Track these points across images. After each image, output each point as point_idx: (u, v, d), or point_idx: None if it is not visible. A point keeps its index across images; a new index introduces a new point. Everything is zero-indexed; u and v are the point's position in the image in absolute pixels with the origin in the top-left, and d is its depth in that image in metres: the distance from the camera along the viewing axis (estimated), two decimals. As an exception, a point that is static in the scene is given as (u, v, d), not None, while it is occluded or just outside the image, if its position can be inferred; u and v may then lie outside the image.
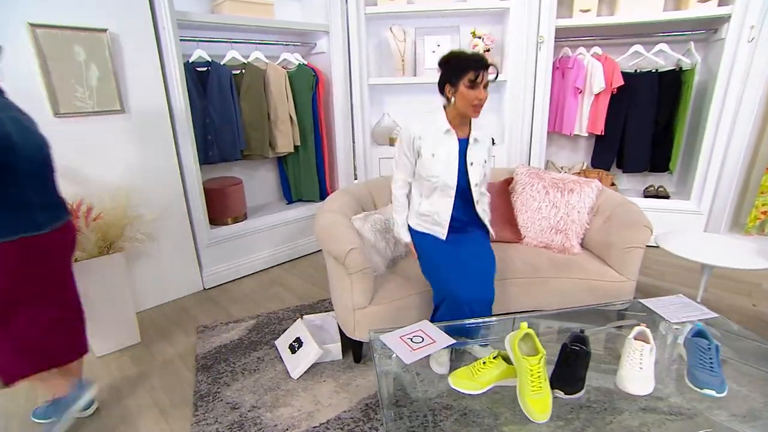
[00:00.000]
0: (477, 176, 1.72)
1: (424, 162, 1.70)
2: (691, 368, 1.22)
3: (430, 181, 1.71)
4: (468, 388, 1.19)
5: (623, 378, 1.19)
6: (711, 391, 1.15)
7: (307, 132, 3.35)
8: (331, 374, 1.98)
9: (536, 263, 2.11)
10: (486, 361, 1.20)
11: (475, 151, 1.73)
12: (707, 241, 2.34)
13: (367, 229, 2.05)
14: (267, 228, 3.19)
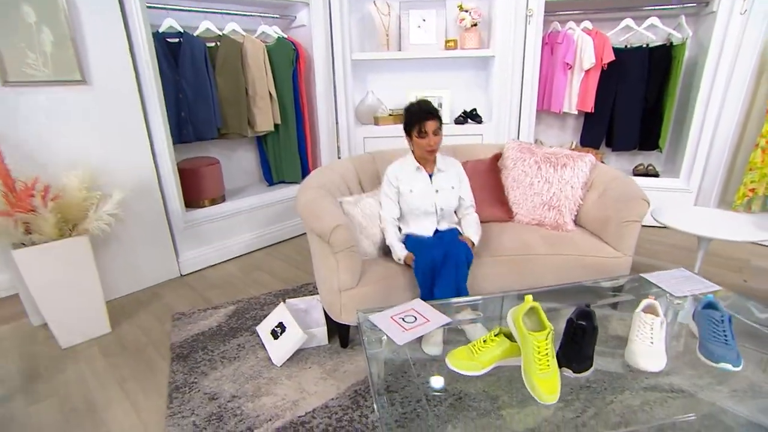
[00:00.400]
0: (443, 201, 1.97)
1: (405, 198, 1.95)
2: (703, 341, 1.15)
3: (414, 213, 1.97)
4: (468, 369, 1.09)
5: (634, 353, 1.11)
6: (727, 365, 1.07)
7: (288, 110, 3.18)
8: (317, 360, 1.87)
9: (529, 241, 2.03)
10: (486, 339, 1.10)
11: (440, 179, 1.98)
12: (701, 215, 2.29)
13: (358, 213, 1.93)
14: (247, 210, 3.04)
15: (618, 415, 1.23)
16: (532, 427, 1.20)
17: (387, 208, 1.97)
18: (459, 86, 3.54)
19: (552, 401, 0.99)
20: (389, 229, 1.94)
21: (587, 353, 1.10)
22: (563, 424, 1.16)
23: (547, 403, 0.99)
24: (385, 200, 1.99)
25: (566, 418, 1.17)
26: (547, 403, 0.99)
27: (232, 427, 1.54)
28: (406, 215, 1.99)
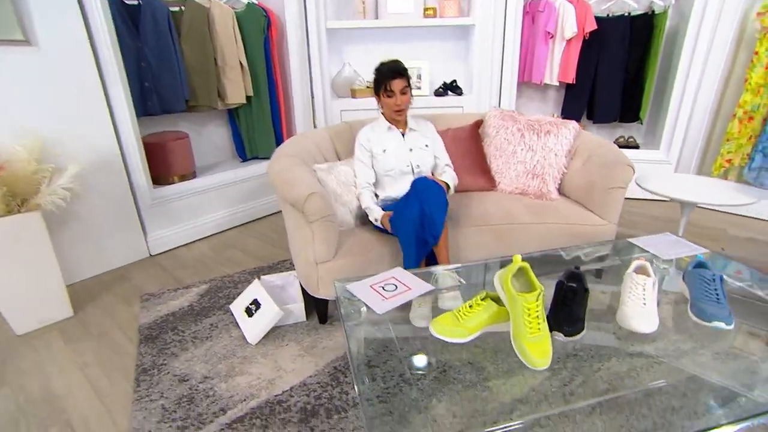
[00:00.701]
0: (418, 159, 1.93)
1: (379, 159, 1.90)
2: (695, 301, 1.10)
3: (390, 175, 1.90)
4: (453, 336, 1.02)
5: (627, 315, 1.06)
6: (720, 323, 1.03)
7: (260, 81, 3.02)
8: (294, 337, 1.78)
9: (512, 210, 1.96)
10: (472, 304, 1.03)
11: (413, 138, 1.95)
12: (684, 181, 2.27)
13: (331, 180, 1.82)
14: (219, 187, 2.90)
15: (605, 382, 1.19)
16: (520, 397, 1.14)
17: (361, 174, 1.92)
18: (438, 57, 3.43)
19: (544, 366, 0.93)
20: (365, 194, 1.87)
21: (578, 315, 1.04)
22: (551, 393, 1.11)
23: (538, 368, 0.93)
24: (359, 166, 1.93)
25: (554, 387, 1.12)
26: (539, 368, 0.93)
27: (203, 408, 1.44)
28: (381, 179, 1.93)
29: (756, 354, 1.13)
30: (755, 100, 3.09)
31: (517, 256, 0.97)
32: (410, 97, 1.88)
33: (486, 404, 1.09)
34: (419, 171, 1.92)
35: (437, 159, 2.01)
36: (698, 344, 1.24)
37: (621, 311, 1.08)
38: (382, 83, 1.83)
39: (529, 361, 0.92)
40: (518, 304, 0.91)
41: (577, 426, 1.04)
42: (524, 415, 1.04)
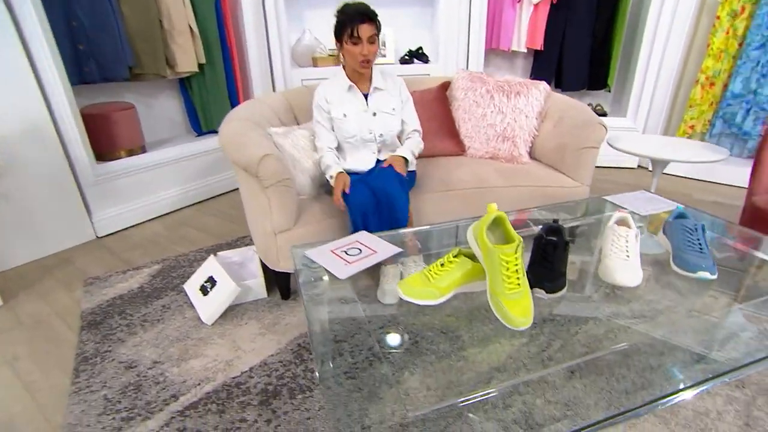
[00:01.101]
0: (382, 126, 1.70)
1: (338, 125, 1.68)
2: (677, 252, 1.04)
3: (350, 143, 1.70)
4: (423, 297, 0.92)
5: (609, 269, 0.98)
6: (705, 273, 0.97)
7: (213, 48, 2.80)
8: (255, 315, 1.65)
9: (483, 174, 1.88)
10: (444, 262, 0.92)
11: (378, 100, 1.70)
12: (654, 142, 2.24)
13: (288, 144, 1.67)
14: (172, 162, 2.68)
15: (584, 345, 1.13)
16: (497, 365, 1.07)
17: (323, 137, 1.69)
18: (404, 24, 3.28)
19: (525, 325, 0.84)
20: (327, 155, 1.65)
21: (559, 271, 0.95)
22: (529, 359, 1.04)
23: (519, 327, 0.84)
24: (319, 129, 1.70)
25: (531, 353, 1.05)
26: (520, 327, 0.84)
27: (153, 396, 1.30)
28: (341, 145, 1.73)
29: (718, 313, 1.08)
30: (717, 66, 3.11)
31: (492, 205, 0.87)
32: (378, 49, 1.63)
33: (461, 374, 1.00)
34: (382, 140, 1.72)
35: (404, 124, 1.79)
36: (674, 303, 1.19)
37: (603, 265, 1.00)
38: (346, 27, 1.54)
39: (508, 321, 0.83)
40: (495, 257, 0.81)
41: (557, 391, 0.97)
42: (502, 382, 0.96)
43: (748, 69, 3.03)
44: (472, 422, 0.88)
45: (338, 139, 1.70)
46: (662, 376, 1.02)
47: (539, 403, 0.95)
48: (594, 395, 0.96)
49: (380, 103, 1.70)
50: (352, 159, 1.72)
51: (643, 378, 1.04)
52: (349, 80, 1.67)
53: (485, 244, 0.83)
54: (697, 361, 1.08)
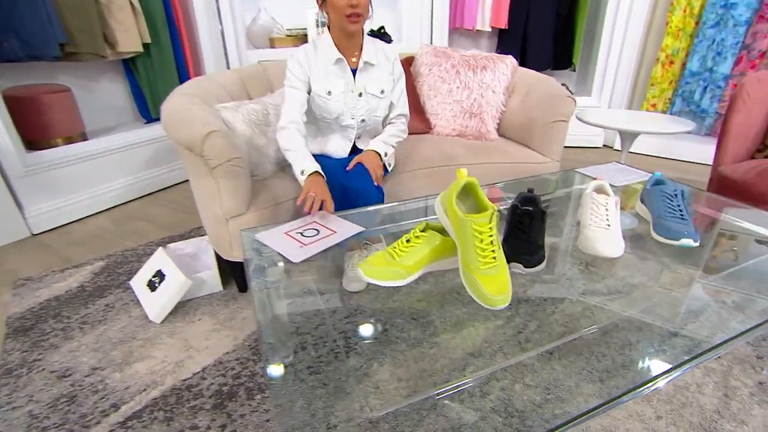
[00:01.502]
0: (366, 111, 1.46)
1: (318, 102, 1.43)
2: (658, 220, 0.98)
3: (326, 122, 1.47)
4: (387, 278, 0.81)
5: (590, 239, 0.90)
6: (687, 240, 0.91)
7: (159, 26, 2.58)
8: (209, 310, 1.51)
9: (451, 151, 1.79)
10: (410, 237, 0.82)
11: (367, 78, 1.44)
12: (621, 115, 2.21)
13: (239, 120, 1.52)
14: (118, 150, 2.46)
15: (561, 324, 1.07)
16: (472, 350, 0.98)
17: (293, 107, 1.38)
18: (365, 2, 3.13)
19: (503, 303, 0.75)
20: (290, 133, 1.36)
21: (537, 243, 0.87)
22: (505, 342, 0.96)
23: (497, 306, 0.75)
24: (292, 93, 1.39)
25: (508, 335, 0.97)
26: (498, 306, 0.75)
27: (89, 408, 1.15)
28: (314, 125, 1.50)
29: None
30: (675, 44, 3.14)
31: (462, 171, 0.77)
32: (369, 3, 1.33)
33: (435, 362, 0.91)
34: (364, 126, 1.48)
35: (392, 107, 1.54)
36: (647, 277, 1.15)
37: (583, 236, 0.93)
38: None
39: (484, 300, 0.74)
40: (467, 229, 0.72)
41: (536, 374, 0.90)
42: (478, 369, 0.87)
43: (704, 47, 3.07)
44: (447, 412, 0.79)
45: (313, 115, 1.47)
46: (641, 352, 0.97)
47: (518, 388, 0.87)
48: (574, 376, 0.89)
49: (369, 83, 1.44)
50: (324, 141, 1.49)
51: (623, 355, 0.98)
52: (338, 50, 1.39)
53: (455, 214, 0.73)
54: (674, 335, 1.04)
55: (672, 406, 1.15)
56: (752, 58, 2.97)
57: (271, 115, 1.63)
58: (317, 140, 1.53)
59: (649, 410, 1.15)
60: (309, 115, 1.47)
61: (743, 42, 2.97)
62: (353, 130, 1.50)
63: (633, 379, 0.84)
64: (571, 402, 0.84)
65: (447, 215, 0.77)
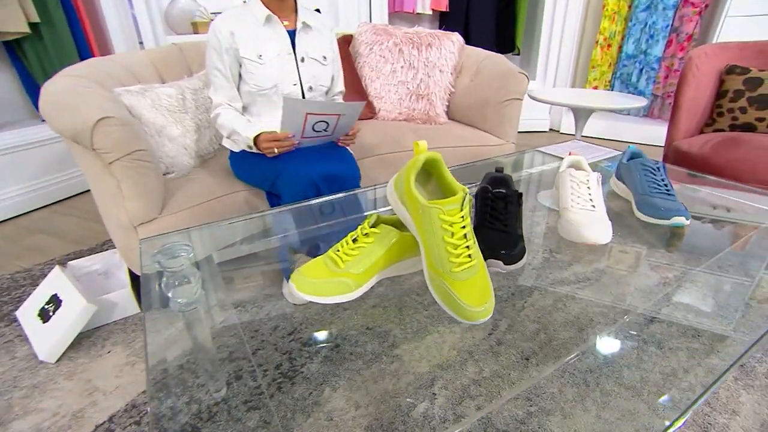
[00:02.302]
0: (312, 77, 1.28)
1: (251, 69, 1.21)
2: (642, 197, 0.86)
3: (265, 95, 1.24)
4: (331, 293, 0.61)
5: (574, 224, 0.76)
6: (679, 219, 0.80)
7: (49, 3, 2.19)
8: (122, 339, 1.24)
9: (399, 137, 1.62)
10: (358, 236, 0.62)
11: (308, 41, 1.27)
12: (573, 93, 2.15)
13: (146, 106, 1.25)
14: (9, 152, 2.07)
15: (534, 321, 0.94)
16: (439, 361, 0.82)
17: (222, 89, 1.23)
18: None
19: (486, 315, 0.58)
20: (227, 113, 1.23)
21: (516, 233, 0.71)
22: (475, 347, 0.81)
23: (478, 320, 0.58)
24: (218, 77, 1.23)
25: (477, 339, 0.82)
26: (479, 320, 0.58)
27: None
28: (251, 105, 1.28)
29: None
30: (612, 27, 3.17)
31: (422, 143, 0.58)
32: None
33: (398, 380, 0.73)
34: (311, 96, 1.31)
35: (334, 82, 1.39)
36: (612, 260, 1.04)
37: (565, 220, 0.78)
38: None
39: (461, 313, 0.56)
40: (433, 220, 0.53)
41: (514, 385, 0.75)
42: (449, 384, 0.70)
43: (638, 30, 3.12)
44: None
45: (248, 92, 1.25)
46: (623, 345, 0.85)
47: (495, 404, 0.72)
48: (556, 381, 0.75)
49: (310, 47, 1.27)
50: (269, 118, 1.26)
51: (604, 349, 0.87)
52: (266, 8, 1.21)
53: (416, 200, 0.54)
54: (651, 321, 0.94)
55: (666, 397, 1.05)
56: (681, 40, 3.05)
57: (188, 101, 1.38)
58: (261, 119, 1.29)
59: (641, 406, 1.05)
60: (247, 96, 1.27)
61: (672, 25, 3.05)
62: None
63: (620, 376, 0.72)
64: (555, 413, 0.70)
65: (404, 203, 0.59)
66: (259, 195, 1.30)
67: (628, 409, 1.08)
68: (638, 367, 0.79)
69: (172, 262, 0.78)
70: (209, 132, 1.43)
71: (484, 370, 0.76)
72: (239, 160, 1.30)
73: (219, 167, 1.38)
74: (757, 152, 1.41)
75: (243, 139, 1.20)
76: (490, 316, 0.59)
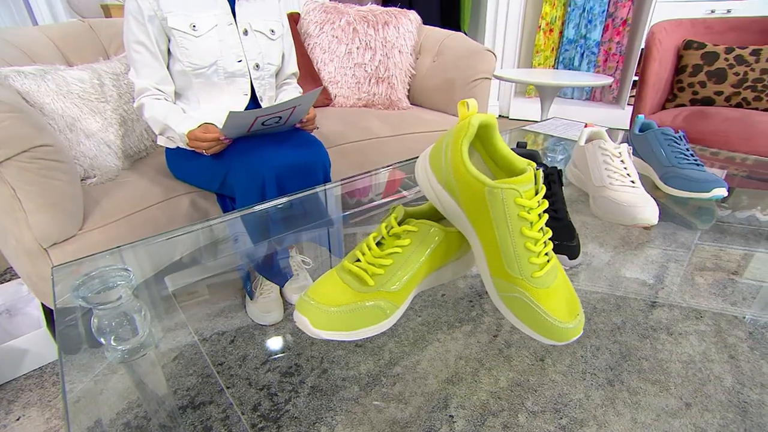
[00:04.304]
0: (258, 53, 1.08)
1: (183, 43, 0.99)
2: (671, 170, 0.75)
3: (203, 75, 1.02)
4: (359, 325, 0.40)
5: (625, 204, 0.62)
6: (720, 191, 0.70)
7: None
8: (38, 397, 0.96)
9: (362, 124, 1.45)
10: (383, 236, 0.43)
11: (250, 11, 1.07)
12: (536, 73, 2.09)
13: (49, 93, 0.97)
14: None
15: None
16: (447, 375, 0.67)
17: (147, 70, 0.99)
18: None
19: (579, 332, 0.43)
20: (156, 104, 0.99)
21: (566, 218, 0.57)
22: (484, 354, 0.67)
23: (571, 338, 0.42)
24: (140, 55, 0.98)
25: (483, 343, 0.68)
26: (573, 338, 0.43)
27: None
28: (185, 89, 1.05)
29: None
30: (553, 12, 3.20)
31: (471, 103, 0.41)
32: None
33: (406, 406, 0.57)
34: (260, 76, 1.10)
35: (285, 60, 1.20)
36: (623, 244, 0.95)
37: (607, 199, 0.65)
38: None
39: (548, 331, 0.39)
40: (507, 206, 0.36)
41: (536, 393, 0.62)
42: (465, 401, 0.56)
43: (577, 15, 3.17)
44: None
45: (181, 73, 1.02)
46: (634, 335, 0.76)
47: (522, 419, 0.58)
48: (579, 384, 0.63)
49: (254, 18, 1.07)
50: (208, 105, 1.05)
51: (617, 342, 0.77)
52: None
53: (474, 181, 0.37)
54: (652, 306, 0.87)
55: (693, 386, 0.98)
56: (616, 25, 3.14)
57: (108, 88, 1.11)
58: (201, 109, 1.06)
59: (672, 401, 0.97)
60: (180, 78, 1.03)
61: (608, 10, 3.13)
62: (245, 81, 1.08)
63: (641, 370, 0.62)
64: (589, 423, 0.57)
65: (448, 186, 0.42)
66: (209, 196, 1.07)
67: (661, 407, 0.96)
68: (655, 358, 0.70)
69: (105, 295, 0.56)
70: (139, 126, 1.17)
71: (500, 378, 0.62)
72: (176, 157, 1.06)
73: (156, 168, 1.13)
74: (726, 123, 1.40)
75: (178, 137, 0.96)
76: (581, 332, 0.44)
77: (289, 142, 1.00)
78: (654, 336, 0.69)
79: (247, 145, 0.95)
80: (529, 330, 0.41)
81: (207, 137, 0.91)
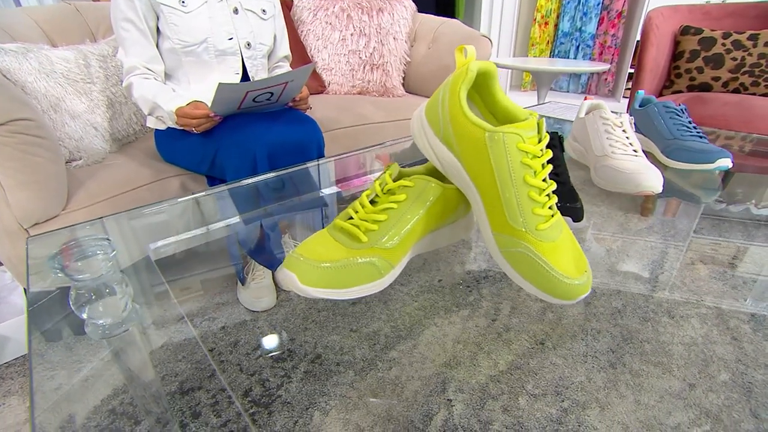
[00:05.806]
0: (249, 33, 1.06)
1: (173, 20, 0.96)
2: (673, 142, 0.73)
3: (194, 54, 1.00)
4: (352, 283, 0.39)
5: (627, 172, 0.60)
6: (725, 161, 0.68)
7: None
8: (20, 385, 0.93)
9: (357, 110, 1.43)
10: (377, 194, 0.41)
11: None
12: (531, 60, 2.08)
13: (32, 71, 0.94)
14: None
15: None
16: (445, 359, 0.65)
17: (135, 49, 0.96)
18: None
19: (588, 290, 0.40)
20: (145, 83, 0.96)
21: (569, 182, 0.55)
22: (482, 338, 0.64)
23: (579, 296, 0.40)
24: (127, 32, 0.95)
25: (482, 327, 0.66)
26: (581, 296, 0.40)
27: None
28: (175, 69, 1.02)
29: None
30: (548, 5, 3.19)
31: (470, 48, 0.39)
32: None
33: (402, 389, 0.54)
34: (252, 55, 1.08)
35: (277, 42, 1.18)
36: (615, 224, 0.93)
37: (608, 168, 0.63)
38: None
39: (555, 289, 0.36)
40: (509, 153, 0.35)
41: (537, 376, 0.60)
42: (464, 385, 0.53)
43: (572, 8, 3.16)
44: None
45: (171, 52, 0.99)
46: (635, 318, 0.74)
47: (523, 403, 0.56)
48: (581, 368, 0.61)
49: None
50: (201, 88, 1.02)
51: (618, 325, 0.75)
52: None
53: (474, 128, 0.35)
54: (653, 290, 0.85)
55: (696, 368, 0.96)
56: (612, 18, 3.14)
57: (95, 68, 1.08)
58: (192, 89, 1.03)
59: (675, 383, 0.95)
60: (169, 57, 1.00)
61: (603, 3, 3.12)
62: (236, 59, 1.05)
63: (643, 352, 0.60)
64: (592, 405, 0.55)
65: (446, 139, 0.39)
66: (199, 179, 1.05)
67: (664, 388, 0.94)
68: (657, 340, 0.68)
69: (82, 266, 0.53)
70: (128, 109, 1.14)
71: (499, 362, 0.60)
72: (165, 138, 1.03)
73: (145, 151, 1.10)
74: (725, 108, 1.39)
75: (167, 115, 0.94)
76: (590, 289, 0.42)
77: (282, 119, 0.97)
78: (655, 319, 0.68)
79: (238, 122, 0.93)
80: (533, 288, 0.38)
81: (196, 113, 0.89)
